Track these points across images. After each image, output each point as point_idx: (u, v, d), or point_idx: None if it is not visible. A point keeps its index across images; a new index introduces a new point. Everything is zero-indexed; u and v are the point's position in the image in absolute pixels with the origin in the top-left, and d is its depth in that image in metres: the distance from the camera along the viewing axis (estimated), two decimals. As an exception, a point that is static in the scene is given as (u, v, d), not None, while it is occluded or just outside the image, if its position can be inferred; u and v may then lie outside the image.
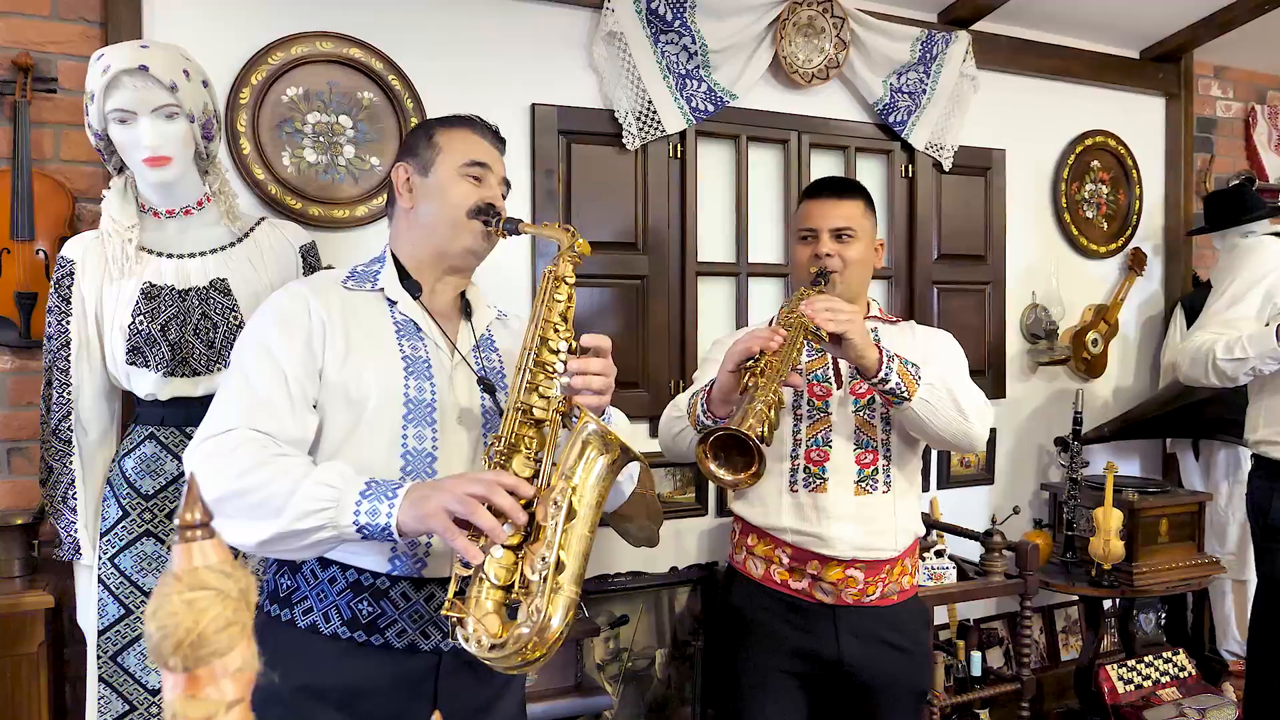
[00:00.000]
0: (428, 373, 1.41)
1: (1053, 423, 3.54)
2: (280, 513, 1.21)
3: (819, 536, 1.82)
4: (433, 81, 2.56)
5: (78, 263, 1.79)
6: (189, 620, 0.68)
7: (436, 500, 1.20)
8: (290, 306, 1.41)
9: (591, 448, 1.28)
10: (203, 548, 0.71)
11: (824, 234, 1.89)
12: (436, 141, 1.50)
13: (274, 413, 1.32)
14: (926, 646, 1.93)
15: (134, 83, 1.67)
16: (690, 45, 2.79)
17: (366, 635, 1.34)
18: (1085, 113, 3.60)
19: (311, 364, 1.36)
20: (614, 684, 2.80)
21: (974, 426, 1.75)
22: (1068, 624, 3.63)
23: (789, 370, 1.59)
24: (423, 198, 1.49)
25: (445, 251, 1.49)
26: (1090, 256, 3.65)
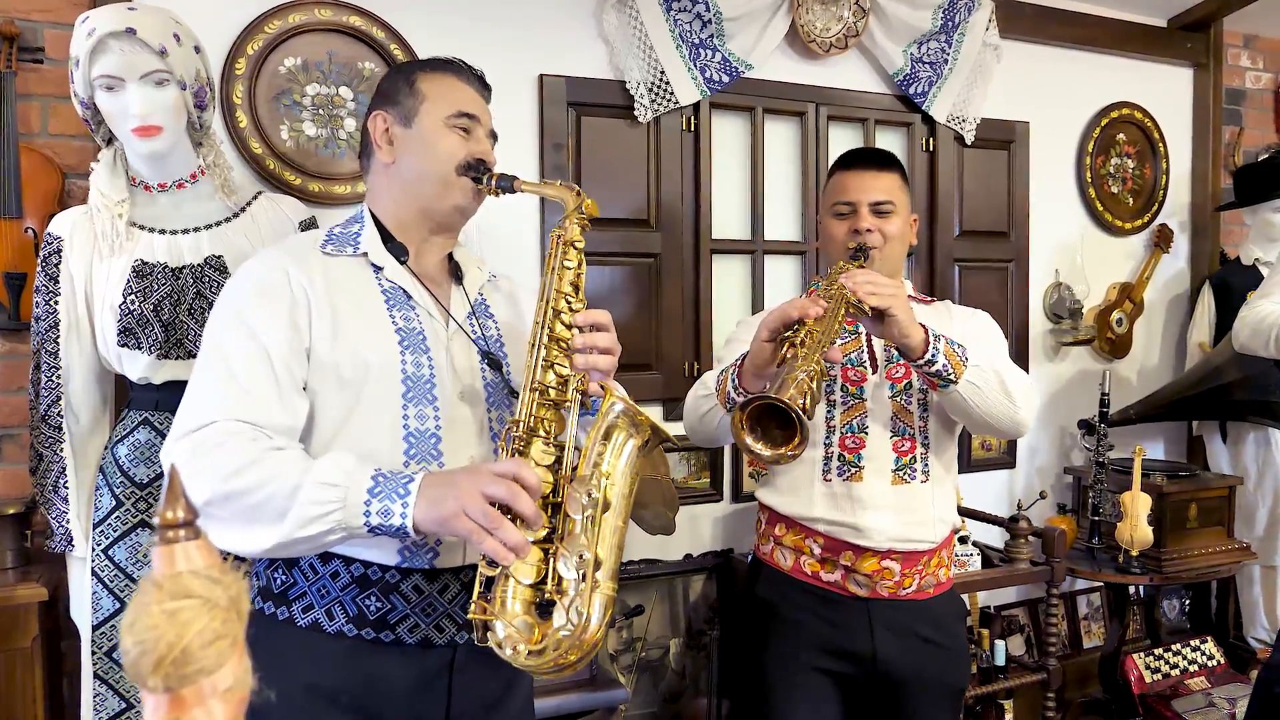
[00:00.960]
0: (423, 345, 1.31)
1: (1076, 405, 3.44)
2: (282, 518, 1.12)
3: (854, 526, 1.72)
4: (435, 51, 2.41)
5: (65, 240, 1.70)
6: (171, 634, 0.59)
7: (455, 502, 1.11)
8: (269, 277, 1.27)
9: (621, 430, 1.20)
10: (187, 550, 0.62)
11: (863, 208, 1.78)
12: (420, 89, 1.37)
13: (260, 399, 1.20)
14: (963, 641, 1.83)
15: (121, 47, 1.57)
16: (704, 13, 2.67)
17: (376, 632, 1.25)
18: (1111, 84, 3.48)
19: (298, 341, 1.24)
20: (627, 674, 2.72)
21: (1020, 410, 1.65)
22: (1090, 610, 3.54)
23: (830, 342, 1.47)
24: (405, 151, 1.36)
25: (432, 210, 1.37)
26: (1115, 233, 3.54)
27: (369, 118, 1.39)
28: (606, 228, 2.68)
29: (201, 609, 0.60)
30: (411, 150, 1.35)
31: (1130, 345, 3.55)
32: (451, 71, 1.41)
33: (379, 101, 1.40)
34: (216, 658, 0.59)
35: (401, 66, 1.45)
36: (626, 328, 2.71)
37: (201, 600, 0.60)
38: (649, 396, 2.71)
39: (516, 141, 2.57)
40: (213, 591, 0.61)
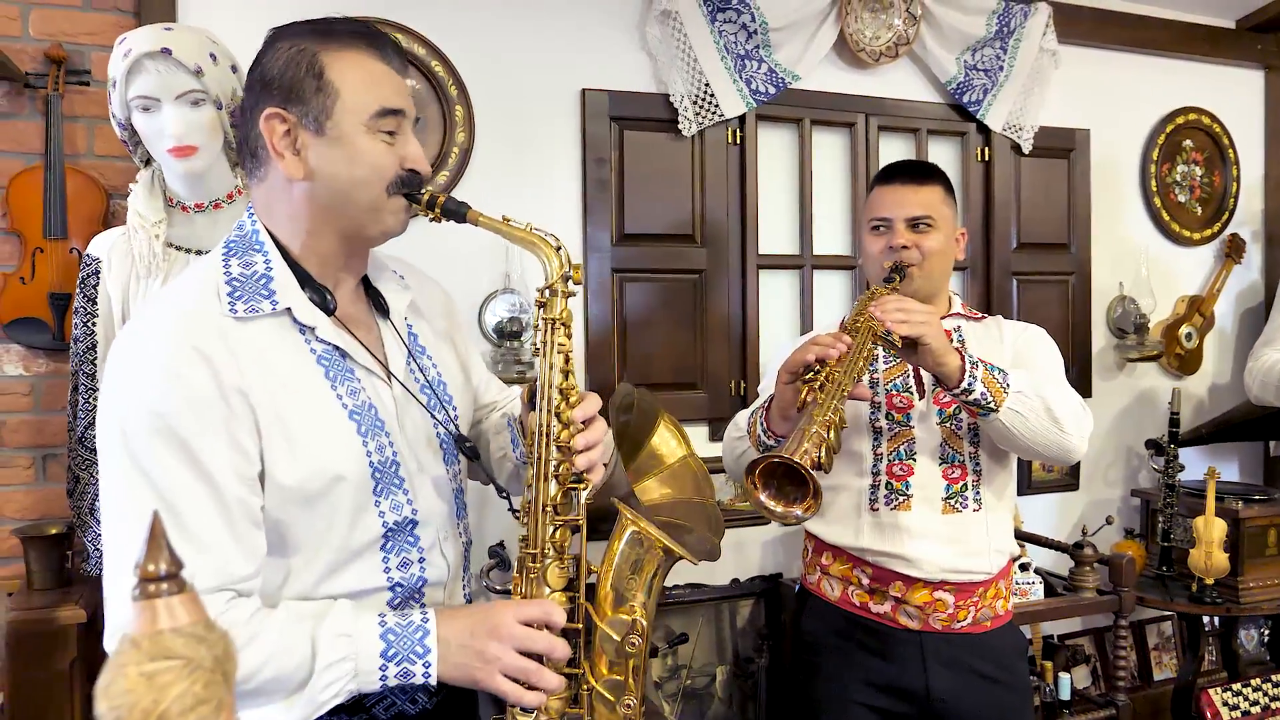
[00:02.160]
0: (378, 421, 1.12)
1: (1143, 424, 3.29)
2: (292, 699, 1.01)
3: (903, 557, 1.64)
4: (477, 67, 2.43)
5: (104, 261, 1.70)
6: (148, 699, 0.54)
7: (487, 666, 1.05)
8: (189, 378, 0.99)
9: (636, 555, 1.16)
10: (170, 605, 0.57)
11: (899, 224, 1.71)
12: (330, 80, 1.06)
13: (217, 552, 0.99)
14: (1026, 679, 1.73)
15: (156, 67, 1.56)
16: (749, 23, 2.61)
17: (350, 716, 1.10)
18: (1176, 88, 3.33)
19: (246, 466, 1.01)
20: (671, 702, 2.64)
21: (1070, 438, 1.55)
22: (1161, 640, 3.37)
23: (853, 382, 1.40)
24: (320, 166, 1.07)
25: (356, 237, 1.13)
26: (1183, 244, 3.39)
27: (259, 116, 1.07)
28: (650, 243, 2.63)
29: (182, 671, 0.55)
30: (328, 165, 1.07)
31: (1201, 361, 3.38)
32: (364, 47, 1.09)
33: (274, 95, 1.07)
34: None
35: (294, 39, 1.09)
36: (670, 346, 2.65)
37: (183, 662, 0.55)
38: (694, 416, 2.64)
39: (559, 156, 2.54)
40: (196, 651, 0.56)
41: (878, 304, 1.50)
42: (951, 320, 1.76)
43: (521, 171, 2.49)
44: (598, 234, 2.56)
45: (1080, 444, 1.58)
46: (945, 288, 1.79)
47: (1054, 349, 1.76)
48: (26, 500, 2.11)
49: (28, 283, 2.04)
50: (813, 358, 1.43)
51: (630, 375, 2.58)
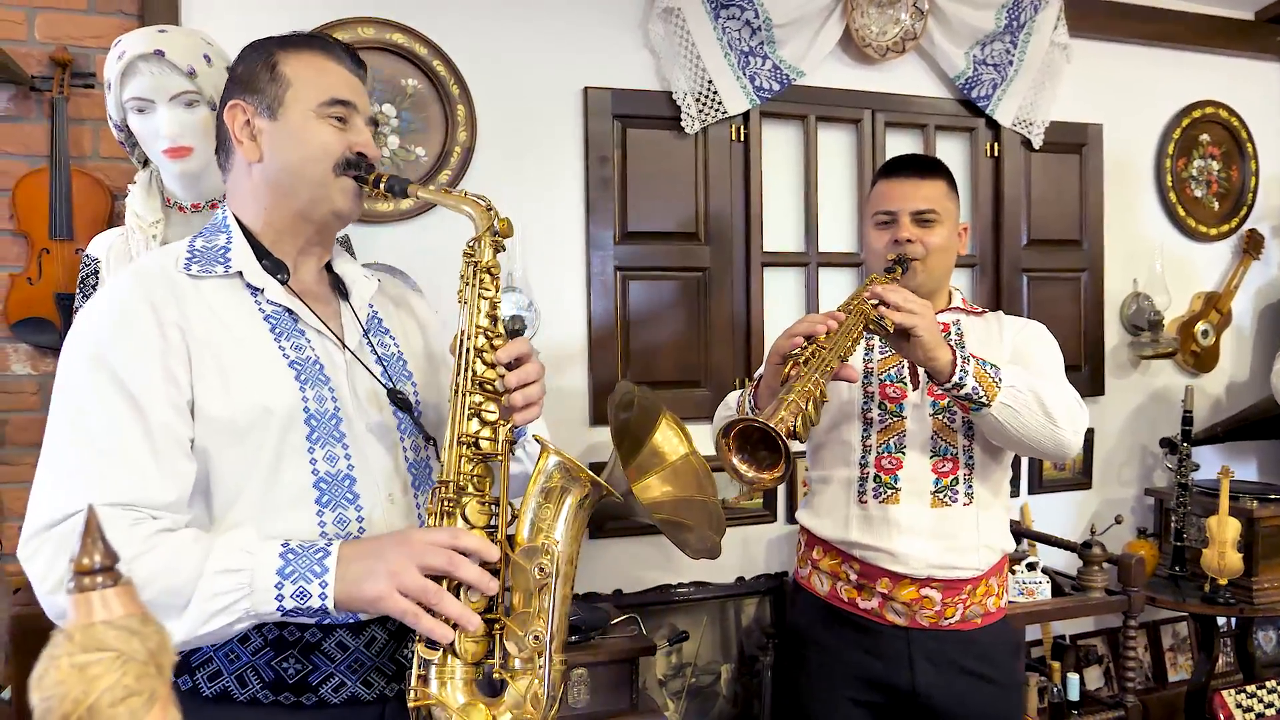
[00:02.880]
0: (322, 376, 1.16)
1: (1157, 422, 3.24)
2: (181, 613, 1.00)
3: (889, 552, 1.63)
4: (479, 66, 2.43)
5: (103, 261, 1.72)
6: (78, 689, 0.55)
7: (387, 580, 1.02)
8: (133, 316, 1.07)
9: (558, 490, 1.13)
10: (105, 598, 0.58)
11: (904, 217, 1.70)
12: (283, 73, 1.17)
13: (134, 471, 1.02)
14: (1017, 677, 1.72)
15: (150, 69, 1.57)
16: (753, 20, 2.60)
17: (295, 696, 1.11)
18: (1192, 82, 3.28)
19: (177, 395, 1.06)
20: (676, 700, 2.64)
21: (1063, 432, 1.53)
22: (1176, 641, 3.32)
23: (839, 361, 1.40)
24: (272, 148, 1.17)
25: (308, 215, 1.20)
26: (1199, 239, 3.33)
27: (225, 108, 1.20)
28: (653, 241, 2.62)
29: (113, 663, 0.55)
30: (279, 146, 1.17)
31: (1217, 358, 3.33)
32: (319, 49, 1.21)
33: (236, 89, 1.20)
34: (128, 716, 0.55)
35: (258, 45, 1.23)
36: (674, 343, 2.65)
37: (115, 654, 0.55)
38: (698, 414, 2.63)
39: (561, 155, 2.54)
40: (129, 644, 0.56)
41: (873, 290, 1.50)
42: (951, 314, 1.74)
43: (524, 170, 2.49)
44: (600, 232, 2.56)
45: (1074, 439, 1.56)
46: (947, 283, 1.78)
47: (1053, 345, 1.74)
48: (35, 497, 2.14)
49: (35, 283, 2.07)
50: (800, 336, 1.43)
51: (634, 373, 2.58)
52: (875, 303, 1.46)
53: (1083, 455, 3.16)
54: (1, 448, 1.94)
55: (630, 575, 2.62)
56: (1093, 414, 3.16)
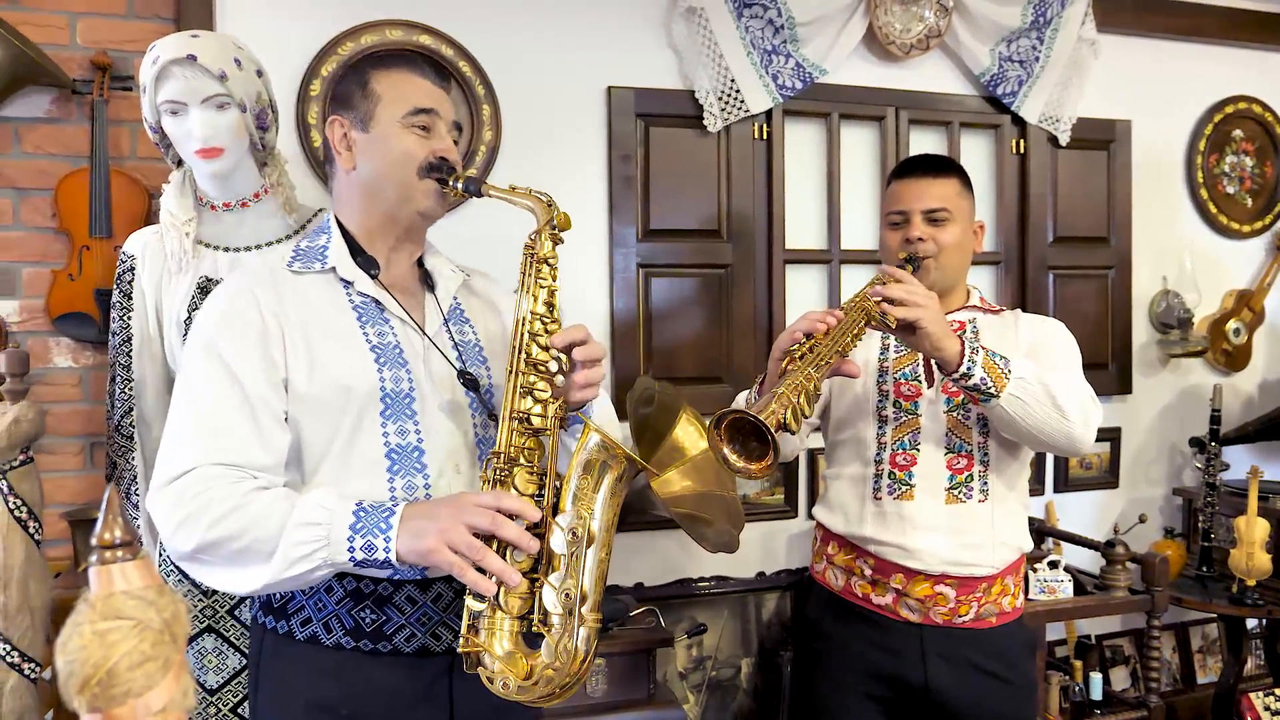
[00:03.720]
0: (400, 359, 1.29)
1: (1186, 421, 3.21)
2: (269, 559, 1.14)
3: (903, 548, 1.65)
4: (504, 66, 2.48)
5: (138, 258, 1.78)
6: (98, 654, 0.59)
7: (437, 536, 1.12)
8: (238, 307, 1.25)
9: (596, 464, 1.20)
10: (124, 570, 0.62)
11: (916, 216, 1.71)
12: (374, 90, 1.32)
13: (236, 440, 1.19)
14: (1032, 677, 1.72)
15: (183, 73, 1.64)
16: (776, 19, 2.62)
17: (373, 644, 1.25)
18: (1223, 77, 3.24)
19: (274, 374, 1.23)
20: (696, 693, 2.67)
21: (1074, 426, 1.54)
22: (1205, 643, 3.29)
23: (837, 357, 1.43)
24: (365, 156, 1.31)
25: (397, 216, 1.33)
26: (1231, 236, 3.29)
27: (327, 124, 1.35)
28: (676, 239, 2.65)
29: (131, 631, 0.60)
30: (371, 155, 1.31)
31: (1250, 357, 3.28)
32: (404, 66, 1.35)
33: (335, 106, 1.35)
34: (145, 680, 0.59)
35: (354, 66, 1.39)
36: (696, 340, 2.67)
37: (133, 622, 0.60)
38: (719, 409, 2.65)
39: (585, 154, 2.58)
40: (146, 613, 0.61)
41: (877, 288, 1.52)
42: (968, 313, 1.75)
43: (548, 168, 2.53)
44: (623, 229, 2.59)
45: (1086, 433, 1.57)
46: (963, 280, 1.79)
47: (1070, 341, 1.74)
48: (77, 486, 2.22)
49: (76, 279, 2.15)
50: (801, 332, 1.46)
51: (656, 369, 2.61)
52: (878, 299, 1.47)
53: (1109, 454, 3.14)
54: (44, 437, 2.01)
55: (652, 569, 2.65)
56: (1120, 412, 3.16)
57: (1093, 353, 3.08)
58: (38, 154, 2.18)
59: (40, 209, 2.18)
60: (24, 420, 1.80)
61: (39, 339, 2.19)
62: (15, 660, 1.77)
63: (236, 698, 1.74)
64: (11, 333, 2.17)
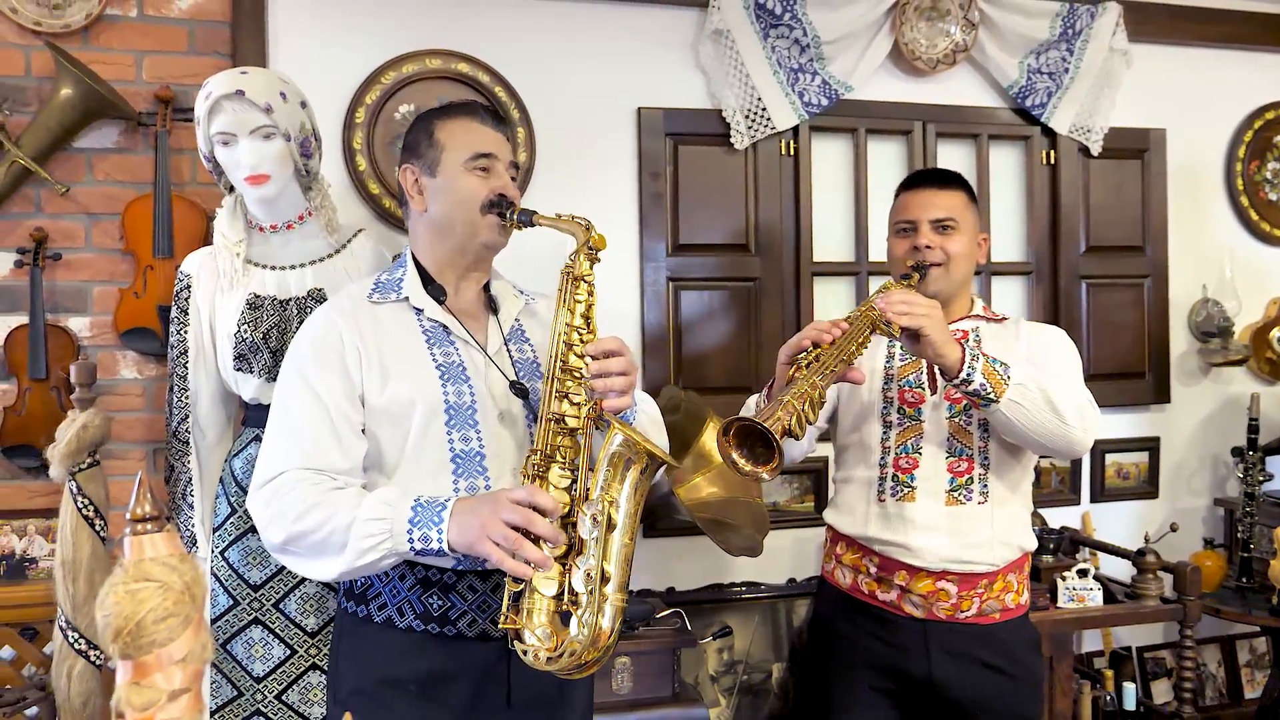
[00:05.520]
0: (463, 376, 1.45)
1: (1229, 431, 3.17)
2: (343, 550, 1.30)
3: (905, 546, 1.71)
4: (538, 90, 2.59)
5: (194, 276, 1.93)
6: (129, 609, 0.70)
7: (479, 530, 1.26)
8: (323, 334, 1.45)
9: (622, 459, 1.32)
10: (153, 540, 0.73)
11: (924, 225, 1.78)
12: (438, 139, 1.49)
13: (320, 448, 1.38)
14: (1036, 673, 1.77)
15: (232, 106, 1.78)
16: (801, 38, 2.69)
17: (440, 627, 1.41)
18: (1262, 83, 3.21)
19: (352, 390, 1.41)
20: (727, 696, 2.73)
21: (1072, 430, 1.59)
22: (1253, 657, 3.23)
23: (843, 365, 1.50)
24: (434, 198, 1.49)
25: (464, 249, 1.50)
26: (1274, 244, 3.25)
27: (400, 172, 1.53)
28: (704, 253, 2.74)
29: (157, 591, 0.70)
30: (439, 197, 1.48)
31: (1295, 366, 3.23)
32: (465, 114, 1.52)
33: (406, 155, 1.53)
34: (167, 632, 0.70)
35: (421, 117, 1.56)
36: (725, 351, 2.75)
37: (159, 584, 0.71)
38: (747, 419, 2.73)
39: (616, 173, 2.68)
40: (169, 577, 0.71)
41: (883, 296, 1.59)
42: (970, 321, 1.81)
43: (580, 187, 2.64)
44: (653, 245, 2.69)
45: (1084, 436, 1.62)
46: (967, 290, 1.84)
47: (1070, 348, 1.80)
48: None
49: (140, 297, 2.31)
50: (809, 342, 1.53)
51: (685, 379, 2.69)
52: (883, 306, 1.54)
53: (1147, 464, 3.12)
54: (111, 443, 2.17)
55: (683, 574, 2.72)
56: (1158, 422, 3.15)
57: (1128, 362, 3.08)
58: (107, 181, 2.36)
59: (109, 232, 2.36)
60: (91, 426, 1.95)
61: (108, 352, 2.36)
62: (82, 647, 1.92)
63: (281, 685, 1.86)
64: (82, 346, 2.34)
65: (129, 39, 2.36)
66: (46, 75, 2.29)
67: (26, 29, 2.28)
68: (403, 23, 2.51)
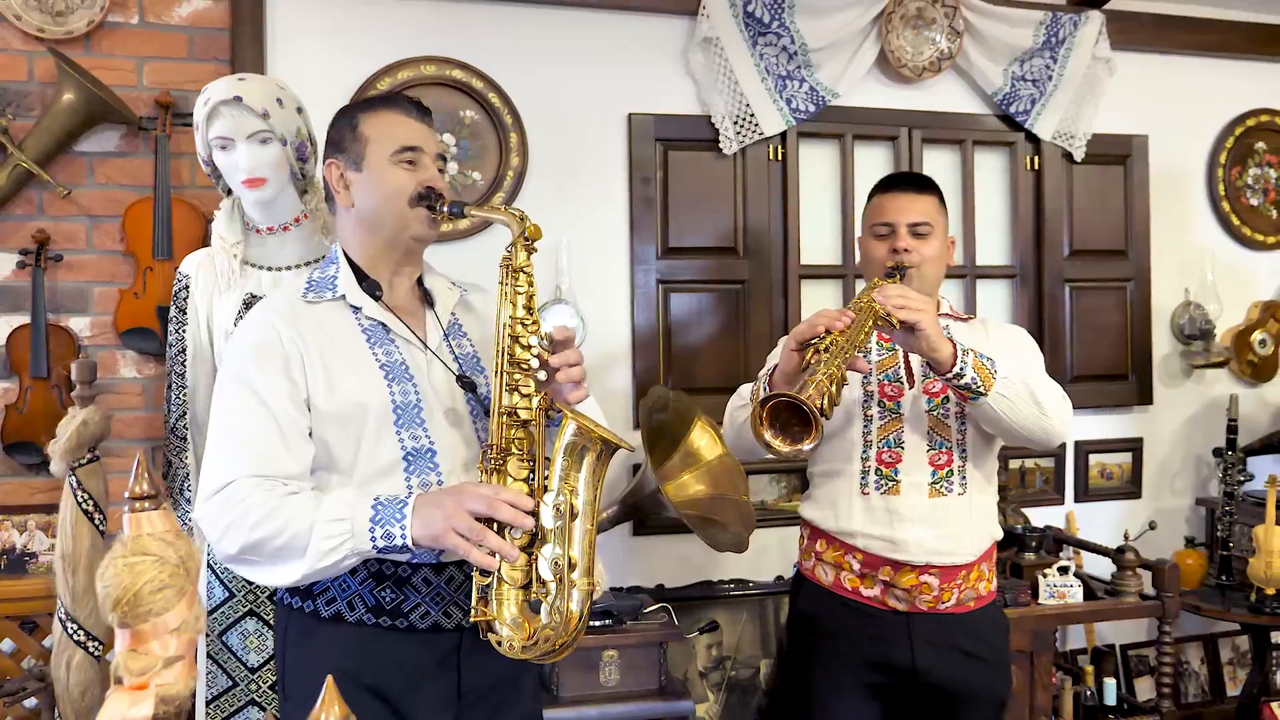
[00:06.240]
0: (407, 374, 1.44)
1: (1211, 432, 3.22)
2: (304, 554, 1.30)
3: (891, 541, 1.76)
4: (531, 96, 2.65)
5: (192, 277, 1.98)
6: (127, 580, 0.75)
7: (443, 522, 1.28)
8: (264, 338, 1.42)
9: (577, 447, 1.34)
10: (150, 517, 0.78)
11: (901, 228, 1.83)
12: (362, 133, 1.46)
13: (268, 453, 1.36)
14: (1005, 655, 1.85)
15: (230, 112, 1.83)
16: (789, 46, 2.75)
17: (391, 620, 1.40)
18: (1243, 91, 3.28)
19: (297, 395, 1.39)
20: (716, 691, 2.77)
21: (1052, 420, 1.67)
22: (1235, 655, 3.28)
23: (854, 352, 1.54)
24: (361, 193, 1.46)
25: (394, 243, 1.48)
26: (1256, 248, 3.31)
27: (325, 167, 1.50)
28: (694, 256, 2.79)
29: (153, 564, 0.75)
30: (365, 191, 1.46)
31: (1277, 368, 3.29)
32: (389, 107, 1.49)
33: (330, 150, 1.50)
34: (163, 602, 0.75)
35: (344, 112, 1.53)
36: (714, 352, 2.80)
37: (155, 558, 0.76)
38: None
39: (607, 177, 2.74)
40: (165, 551, 0.76)
41: (879, 291, 1.65)
42: (942, 320, 1.86)
43: (572, 192, 2.70)
44: (643, 248, 2.74)
45: (1062, 427, 1.69)
46: (937, 291, 1.90)
47: (1034, 346, 1.87)
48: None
49: (140, 297, 2.37)
50: (822, 328, 1.58)
51: (675, 379, 2.74)
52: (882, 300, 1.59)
53: (1130, 464, 3.17)
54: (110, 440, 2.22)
55: (672, 571, 2.77)
56: (1141, 423, 3.20)
57: (1112, 364, 3.13)
58: (108, 184, 2.41)
59: (110, 234, 2.41)
60: (91, 423, 2.00)
61: (108, 352, 2.42)
62: (81, 638, 1.97)
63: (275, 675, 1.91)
64: (83, 346, 2.40)
65: (130, 45, 2.42)
66: (49, 81, 2.34)
67: (30, 35, 2.34)
68: (398, 30, 2.56)
